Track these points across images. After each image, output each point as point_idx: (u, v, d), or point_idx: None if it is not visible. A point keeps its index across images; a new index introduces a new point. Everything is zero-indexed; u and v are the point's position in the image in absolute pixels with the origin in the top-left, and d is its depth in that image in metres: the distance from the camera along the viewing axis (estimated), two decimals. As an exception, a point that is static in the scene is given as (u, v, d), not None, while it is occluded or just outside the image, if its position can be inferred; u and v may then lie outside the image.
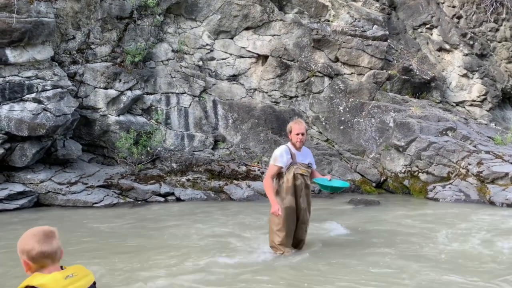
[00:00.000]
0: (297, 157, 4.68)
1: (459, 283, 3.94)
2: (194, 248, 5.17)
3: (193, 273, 4.20)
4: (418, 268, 4.37)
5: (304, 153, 4.80)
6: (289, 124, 4.83)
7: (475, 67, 11.89)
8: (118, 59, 9.94)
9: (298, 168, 4.63)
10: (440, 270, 4.28)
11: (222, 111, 10.54)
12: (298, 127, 4.67)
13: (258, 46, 10.95)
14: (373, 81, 10.77)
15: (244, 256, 4.76)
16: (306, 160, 4.78)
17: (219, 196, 8.94)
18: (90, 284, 1.87)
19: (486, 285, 3.86)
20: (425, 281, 3.99)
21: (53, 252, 1.81)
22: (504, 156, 8.86)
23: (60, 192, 8.28)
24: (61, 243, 1.84)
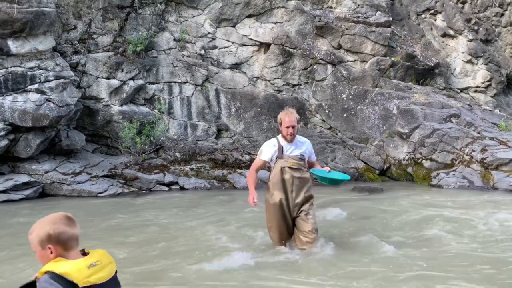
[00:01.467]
0: (285, 149, 4.35)
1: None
2: (207, 242, 5.21)
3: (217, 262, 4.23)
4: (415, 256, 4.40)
5: (297, 144, 4.42)
6: (279, 115, 4.41)
7: (480, 53, 11.77)
8: (120, 48, 9.91)
9: (286, 161, 4.31)
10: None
11: (225, 100, 10.52)
12: (288, 120, 4.29)
13: (260, 34, 10.87)
14: (377, 68, 10.69)
15: (253, 248, 4.75)
16: (298, 151, 4.39)
17: (223, 185, 8.98)
18: (113, 274, 1.81)
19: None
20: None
21: (78, 235, 1.80)
22: (508, 142, 8.82)
23: (65, 182, 8.33)
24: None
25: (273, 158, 4.37)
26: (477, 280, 3.66)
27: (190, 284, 3.77)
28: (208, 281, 3.81)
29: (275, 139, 4.44)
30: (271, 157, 4.37)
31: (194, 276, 3.92)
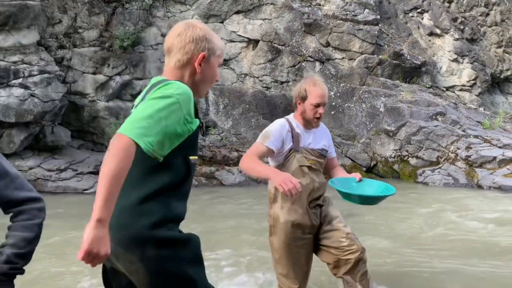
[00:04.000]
0: (302, 139, 2.66)
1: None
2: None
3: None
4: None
5: (317, 133, 2.76)
6: (301, 85, 2.71)
7: (465, 52, 11.92)
8: (106, 43, 9.77)
9: (304, 157, 2.63)
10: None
11: (213, 96, 10.47)
12: (319, 93, 2.61)
13: (249, 30, 10.83)
14: (364, 66, 10.75)
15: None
16: (320, 143, 2.74)
17: (211, 181, 8.94)
18: None
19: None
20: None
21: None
22: (492, 141, 8.97)
23: (49, 179, 8.21)
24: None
25: (284, 149, 2.63)
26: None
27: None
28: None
29: (285, 121, 2.71)
30: (280, 147, 2.61)
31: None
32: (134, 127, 1.30)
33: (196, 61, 1.53)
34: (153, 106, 1.34)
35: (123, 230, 1.39)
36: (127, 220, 1.39)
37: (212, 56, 1.59)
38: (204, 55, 1.55)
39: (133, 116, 1.33)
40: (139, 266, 1.38)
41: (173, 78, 1.51)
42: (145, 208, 1.39)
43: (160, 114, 1.34)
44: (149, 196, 1.39)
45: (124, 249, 1.39)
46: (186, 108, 1.44)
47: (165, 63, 1.58)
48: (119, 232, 1.38)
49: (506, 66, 12.48)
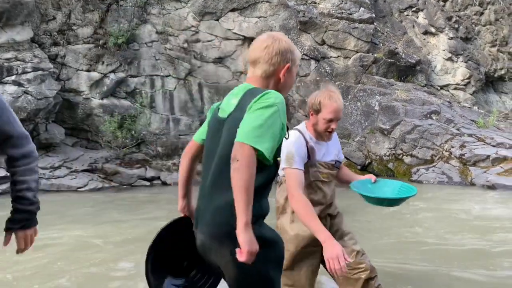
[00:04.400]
0: (316, 152, 2.53)
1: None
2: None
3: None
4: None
5: (329, 143, 2.63)
6: (316, 96, 2.53)
7: (460, 51, 11.98)
8: (101, 40, 9.72)
9: (318, 172, 2.52)
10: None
11: (208, 94, 10.45)
12: (332, 107, 2.47)
13: (244, 28, 10.81)
14: (359, 65, 10.77)
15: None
16: (332, 154, 2.62)
17: (206, 179, 8.94)
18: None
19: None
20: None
21: None
22: (485, 139, 9.03)
23: (43, 177, 8.16)
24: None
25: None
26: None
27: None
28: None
29: (299, 134, 2.55)
30: (304, 164, 2.48)
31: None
32: (251, 136, 1.44)
33: (281, 72, 1.67)
34: (262, 115, 1.48)
35: (221, 226, 1.52)
36: (224, 218, 1.51)
37: (293, 66, 1.72)
38: (289, 66, 1.68)
39: (246, 125, 1.46)
40: (229, 260, 1.50)
41: (259, 86, 1.65)
42: None
43: (268, 122, 1.48)
44: None
45: (219, 244, 1.53)
46: (283, 115, 1.57)
47: (250, 71, 1.71)
48: (216, 228, 1.53)
49: (500, 65, 12.56)
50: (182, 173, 1.96)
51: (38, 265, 3.87)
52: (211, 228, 1.56)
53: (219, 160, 1.58)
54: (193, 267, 1.86)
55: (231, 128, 1.56)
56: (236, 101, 1.63)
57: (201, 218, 1.61)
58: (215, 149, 1.62)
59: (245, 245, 1.41)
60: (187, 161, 1.95)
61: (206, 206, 1.59)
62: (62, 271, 3.73)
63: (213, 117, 1.75)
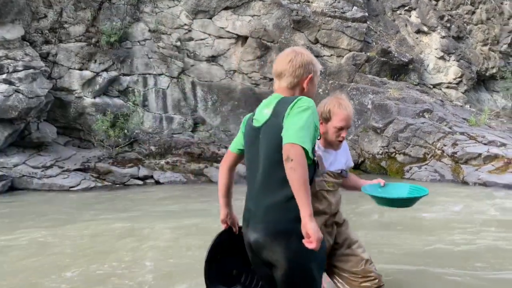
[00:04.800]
0: (324, 161, 2.45)
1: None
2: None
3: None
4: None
5: (338, 151, 2.55)
6: (325, 104, 2.44)
7: (452, 50, 12.06)
8: (93, 39, 9.65)
9: (323, 181, 2.44)
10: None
11: (201, 93, 10.42)
12: (342, 115, 2.39)
13: (238, 27, 10.79)
14: (352, 63, 10.80)
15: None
16: (340, 163, 2.54)
17: (199, 178, 8.91)
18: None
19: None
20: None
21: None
22: (477, 137, 9.10)
23: (35, 176, 8.09)
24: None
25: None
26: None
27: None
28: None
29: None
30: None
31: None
32: (298, 136, 1.59)
33: (304, 82, 1.86)
34: (302, 118, 1.64)
35: (272, 224, 1.65)
36: (276, 215, 1.65)
37: (315, 76, 1.91)
38: (311, 76, 1.87)
39: (291, 128, 1.62)
40: (282, 255, 1.62)
41: (286, 95, 1.83)
42: (291, 205, 1.61)
43: (307, 123, 1.64)
44: (292, 195, 1.60)
45: (271, 240, 1.64)
46: (316, 118, 1.74)
47: (276, 84, 1.89)
48: (269, 225, 1.65)
49: (492, 64, 12.66)
50: (222, 182, 2.09)
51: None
52: (264, 226, 1.68)
53: (265, 164, 1.73)
54: (242, 273, 2.03)
55: (269, 133, 1.72)
56: (270, 110, 1.78)
57: (252, 218, 1.74)
58: (256, 155, 1.79)
59: (314, 233, 1.54)
60: (225, 170, 2.10)
61: (256, 206, 1.72)
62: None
63: (248, 127, 1.91)
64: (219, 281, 2.00)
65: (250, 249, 1.80)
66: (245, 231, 1.79)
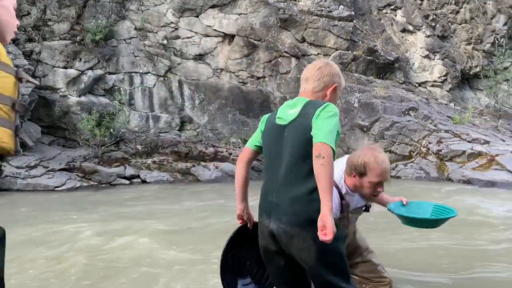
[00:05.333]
0: (351, 204, 2.38)
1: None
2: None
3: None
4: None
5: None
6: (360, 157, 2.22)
7: (437, 49, 12.21)
8: (78, 37, 9.52)
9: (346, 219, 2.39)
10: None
11: (188, 92, 10.37)
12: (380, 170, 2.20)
13: (225, 25, 10.76)
14: (339, 62, 10.86)
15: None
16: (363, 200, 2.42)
17: (186, 177, 8.87)
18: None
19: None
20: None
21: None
22: (461, 135, 9.24)
23: (19, 176, 7.96)
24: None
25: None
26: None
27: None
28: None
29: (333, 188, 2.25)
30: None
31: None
32: (328, 138, 1.76)
33: (328, 90, 2.02)
34: (331, 122, 1.81)
35: (300, 214, 1.81)
36: (302, 206, 1.81)
37: (338, 88, 2.07)
38: (336, 86, 2.04)
39: (323, 129, 1.78)
40: (311, 242, 1.78)
41: (310, 98, 1.98)
42: (313, 197, 1.78)
43: (334, 128, 1.82)
44: (315, 188, 1.77)
45: (300, 228, 1.80)
46: (339, 123, 1.91)
47: (302, 87, 2.06)
48: (296, 216, 1.81)
49: (475, 63, 12.86)
50: (239, 178, 2.14)
51: None
52: (291, 217, 1.82)
53: (291, 158, 1.86)
54: (254, 266, 2.14)
55: (296, 131, 1.88)
56: (297, 110, 1.93)
57: (275, 210, 1.86)
58: (279, 151, 1.92)
59: (331, 226, 1.70)
60: (243, 166, 2.16)
61: (280, 199, 1.85)
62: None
63: (269, 125, 2.04)
64: (232, 271, 2.14)
65: (271, 239, 1.90)
66: (265, 222, 1.90)
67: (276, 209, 1.86)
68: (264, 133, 2.07)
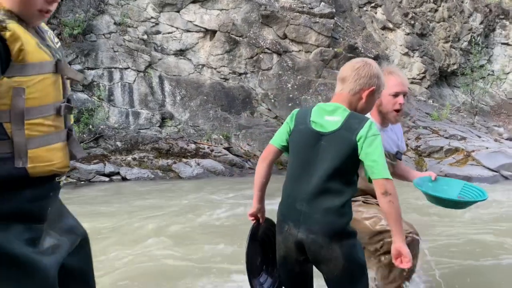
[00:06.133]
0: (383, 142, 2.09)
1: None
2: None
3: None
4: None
5: (394, 130, 2.49)
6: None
7: (416, 46, 12.41)
8: (55, 31, 9.29)
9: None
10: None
11: (169, 87, 10.26)
12: (396, 80, 2.29)
13: (206, 21, 10.68)
14: (320, 59, 10.93)
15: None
16: (395, 143, 2.45)
17: (167, 174, 8.80)
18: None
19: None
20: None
21: None
22: (439, 131, 9.44)
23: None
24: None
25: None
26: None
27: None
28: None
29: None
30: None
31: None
32: (387, 171, 1.78)
33: (365, 93, 1.90)
34: (380, 148, 1.80)
35: (331, 225, 1.82)
36: (333, 218, 1.82)
37: (376, 92, 1.94)
38: (373, 89, 1.91)
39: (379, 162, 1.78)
40: (338, 252, 1.82)
41: (346, 104, 1.90)
42: (345, 210, 1.83)
43: (383, 152, 1.82)
44: (346, 202, 1.83)
45: (329, 239, 1.82)
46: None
47: (339, 88, 1.95)
48: (327, 226, 1.82)
49: (453, 60, 13.13)
50: (260, 177, 2.04)
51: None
52: (322, 227, 1.82)
53: (329, 170, 1.82)
54: (264, 260, 2.18)
55: (338, 144, 1.82)
56: (338, 120, 1.86)
57: (305, 219, 1.84)
58: (314, 158, 1.86)
59: (408, 254, 1.80)
60: (266, 165, 2.04)
61: (312, 208, 1.83)
62: None
63: (303, 127, 1.93)
64: (252, 271, 2.14)
65: (296, 248, 1.89)
66: (293, 231, 1.87)
67: (306, 218, 1.83)
68: (295, 134, 1.95)
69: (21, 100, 1.20)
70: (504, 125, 12.07)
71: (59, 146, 1.35)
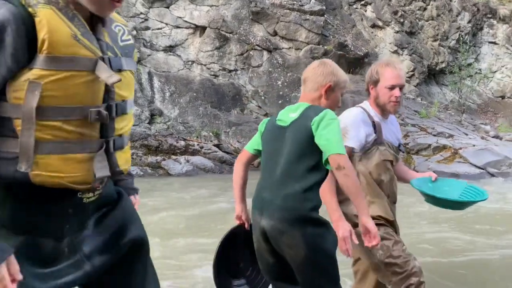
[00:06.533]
0: (383, 129, 2.32)
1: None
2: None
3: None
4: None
5: (393, 124, 2.47)
6: (373, 67, 2.37)
7: (405, 44, 12.50)
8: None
9: (387, 151, 2.29)
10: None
11: (159, 84, 10.19)
12: (392, 72, 2.29)
13: (196, 17, 10.62)
14: (310, 56, 10.94)
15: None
16: (396, 136, 2.43)
17: (157, 171, 8.74)
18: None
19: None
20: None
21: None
22: (427, 129, 9.54)
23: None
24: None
25: (366, 143, 2.27)
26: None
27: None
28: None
29: (361, 110, 2.37)
30: (363, 142, 2.26)
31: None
32: (340, 147, 1.80)
33: (323, 89, 2.00)
34: (335, 129, 1.84)
35: (291, 211, 1.82)
36: (294, 204, 1.82)
37: (336, 87, 2.03)
38: (330, 85, 2.01)
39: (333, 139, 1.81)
40: (300, 241, 1.79)
41: (309, 102, 2.02)
42: (307, 196, 1.82)
43: (340, 133, 1.86)
44: (309, 188, 1.83)
45: (290, 226, 1.80)
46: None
47: (302, 89, 2.09)
48: (288, 213, 1.82)
49: (441, 59, 13.26)
50: (238, 179, 2.14)
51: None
52: (283, 213, 1.82)
53: (289, 156, 1.88)
54: (248, 267, 2.16)
55: (296, 131, 1.91)
56: (297, 114, 1.98)
57: (267, 206, 1.86)
58: (279, 149, 1.94)
59: (374, 228, 1.78)
60: (241, 166, 2.15)
61: (274, 195, 1.86)
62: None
63: (269, 126, 2.06)
64: (226, 272, 2.13)
65: (262, 236, 1.90)
66: (258, 219, 1.90)
67: (268, 205, 1.86)
68: (264, 134, 2.08)
69: (34, 96, 1.05)
70: (490, 123, 12.25)
71: (80, 157, 1.13)
